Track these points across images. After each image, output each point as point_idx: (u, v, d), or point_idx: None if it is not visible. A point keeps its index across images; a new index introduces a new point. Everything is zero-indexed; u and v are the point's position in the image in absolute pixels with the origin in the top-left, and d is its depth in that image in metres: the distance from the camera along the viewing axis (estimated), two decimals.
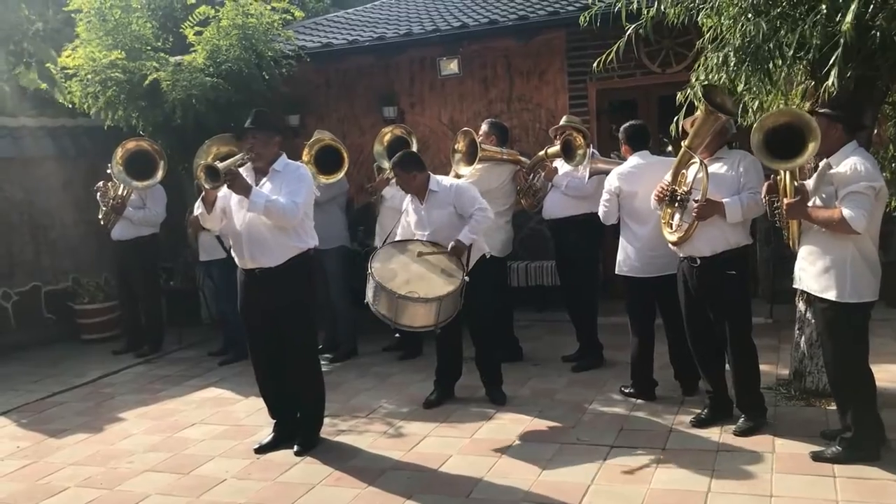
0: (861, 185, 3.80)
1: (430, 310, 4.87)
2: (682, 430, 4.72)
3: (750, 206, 4.37)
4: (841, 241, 3.91)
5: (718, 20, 4.55)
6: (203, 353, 7.68)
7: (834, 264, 3.94)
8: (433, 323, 4.92)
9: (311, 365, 4.93)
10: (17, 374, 7.37)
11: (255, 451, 4.86)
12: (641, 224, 5.18)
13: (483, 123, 6.55)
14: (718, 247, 4.46)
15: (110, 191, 7.57)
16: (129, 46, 7.72)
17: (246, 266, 4.72)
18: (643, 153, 5.32)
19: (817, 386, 5.02)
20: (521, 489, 4.06)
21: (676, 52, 7.72)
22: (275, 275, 4.64)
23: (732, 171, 4.47)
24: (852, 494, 3.71)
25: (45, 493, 4.50)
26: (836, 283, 3.93)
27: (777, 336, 6.55)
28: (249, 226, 4.62)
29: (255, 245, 4.62)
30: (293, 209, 4.53)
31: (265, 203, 4.46)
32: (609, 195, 5.27)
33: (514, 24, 7.97)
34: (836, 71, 3.70)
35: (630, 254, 5.27)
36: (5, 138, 8.55)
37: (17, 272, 8.52)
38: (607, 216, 5.35)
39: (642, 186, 5.08)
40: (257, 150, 4.68)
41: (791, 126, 3.91)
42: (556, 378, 6.01)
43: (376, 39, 8.43)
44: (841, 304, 3.94)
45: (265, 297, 4.69)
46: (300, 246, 4.70)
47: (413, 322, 4.91)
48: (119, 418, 5.83)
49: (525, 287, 8.12)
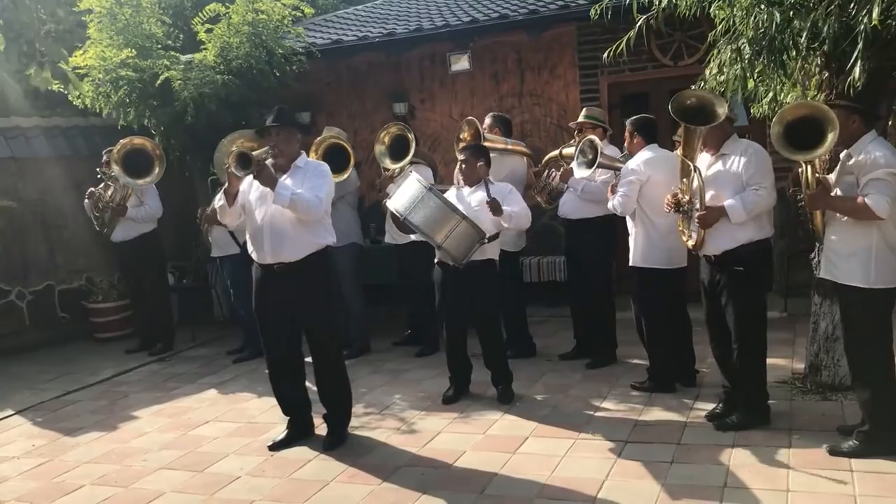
0: (881, 171, 3.80)
1: (449, 222, 4.91)
2: (698, 424, 4.70)
3: (754, 203, 4.31)
4: (865, 229, 3.90)
5: (731, 11, 4.50)
6: (216, 351, 7.70)
7: (859, 252, 3.93)
8: (441, 240, 4.95)
9: (335, 362, 4.92)
10: (31, 372, 7.41)
11: (269, 449, 4.86)
12: (662, 215, 5.08)
13: (486, 117, 6.54)
14: (726, 245, 4.45)
15: (105, 195, 7.57)
16: (140, 45, 7.74)
17: (265, 261, 4.69)
18: (653, 146, 5.32)
19: (833, 380, 4.98)
20: (535, 485, 4.05)
21: (688, 44, 7.66)
22: (294, 270, 4.63)
23: (735, 167, 4.42)
24: (870, 489, 3.68)
25: (60, 491, 4.52)
26: (861, 270, 3.93)
27: (792, 330, 6.51)
28: (272, 219, 4.60)
29: (277, 239, 4.60)
30: (317, 203, 4.54)
31: (291, 195, 4.45)
32: (633, 184, 5.19)
33: (524, 19, 7.93)
34: (860, 65, 3.67)
35: (648, 246, 5.25)
36: (18, 138, 8.59)
37: (31, 272, 8.55)
38: (627, 206, 5.24)
39: (665, 176, 5.08)
40: (280, 146, 4.67)
41: (810, 118, 3.91)
42: (570, 373, 5.99)
43: (386, 35, 8.40)
44: (867, 290, 3.92)
45: (284, 293, 4.67)
46: (320, 242, 4.70)
47: (425, 225, 4.94)
48: (133, 416, 5.85)
49: (537, 283, 8.09)
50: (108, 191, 7.55)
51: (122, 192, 7.50)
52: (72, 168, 8.82)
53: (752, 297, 4.50)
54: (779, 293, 7.37)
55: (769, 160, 4.40)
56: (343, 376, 4.98)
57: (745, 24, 4.35)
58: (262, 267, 4.74)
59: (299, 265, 4.63)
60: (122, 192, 7.50)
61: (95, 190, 7.64)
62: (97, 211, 7.64)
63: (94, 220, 7.71)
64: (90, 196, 7.66)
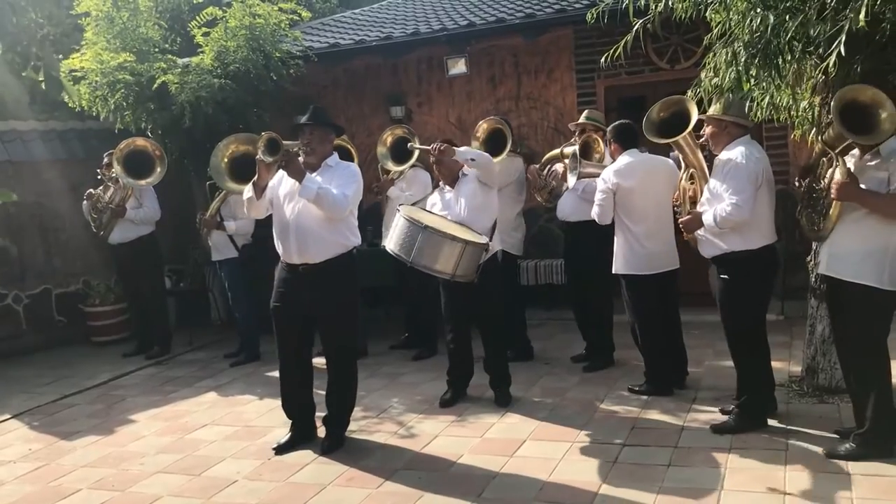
0: None
1: (454, 252, 4.80)
2: (695, 427, 4.70)
3: (723, 218, 4.31)
4: (884, 228, 3.87)
5: (727, 15, 4.51)
6: (214, 354, 7.69)
7: (875, 252, 3.89)
8: (451, 270, 4.83)
9: (350, 367, 4.93)
10: (28, 376, 7.40)
11: (274, 452, 4.84)
12: (637, 222, 5.27)
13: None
14: (712, 251, 4.53)
15: (104, 197, 7.57)
16: (138, 49, 7.75)
17: (291, 260, 4.67)
18: (632, 151, 5.39)
19: (830, 382, 4.99)
20: (532, 488, 4.05)
21: (685, 48, 7.69)
22: (319, 272, 4.61)
23: (718, 176, 4.43)
24: (866, 491, 3.68)
25: (57, 495, 4.51)
26: (874, 270, 3.89)
27: (789, 332, 6.52)
28: (299, 217, 4.58)
29: (303, 238, 4.58)
30: (343, 200, 4.52)
31: (318, 190, 4.42)
32: (605, 193, 5.31)
33: (521, 23, 7.95)
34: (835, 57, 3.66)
35: (628, 252, 5.35)
36: (15, 142, 8.58)
37: (27, 275, 8.55)
38: (603, 215, 5.37)
39: (638, 183, 5.22)
40: (313, 145, 4.65)
41: (867, 103, 3.82)
42: (567, 377, 6.00)
43: (383, 39, 8.42)
44: (877, 290, 3.90)
45: (307, 294, 4.65)
46: (345, 243, 4.70)
47: (433, 263, 4.81)
48: (130, 420, 5.84)
49: (535, 285, 8.09)
50: (108, 192, 7.56)
51: (122, 194, 7.50)
52: (69, 171, 8.82)
53: (738, 303, 4.50)
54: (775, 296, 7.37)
55: (745, 173, 4.30)
56: (354, 382, 4.98)
57: (740, 27, 4.37)
58: (288, 267, 4.71)
59: (324, 266, 4.62)
60: (122, 194, 7.50)
61: (94, 191, 7.64)
62: (95, 212, 7.64)
63: (92, 222, 7.70)
64: (88, 197, 7.66)
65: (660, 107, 4.78)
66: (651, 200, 5.26)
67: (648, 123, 4.77)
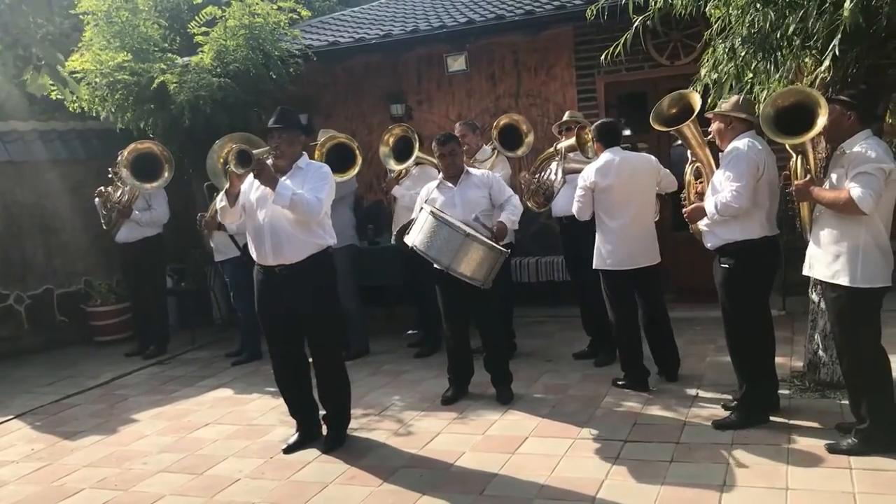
0: (870, 165, 3.79)
1: (488, 259, 4.77)
2: (696, 423, 4.70)
3: (722, 206, 4.32)
4: (853, 227, 3.89)
5: (726, 10, 4.52)
6: (215, 354, 7.70)
7: (846, 250, 3.93)
8: (483, 277, 4.79)
9: (336, 363, 4.92)
10: (30, 376, 7.41)
11: (283, 452, 4.83)
12: (615, 218, 5.35)
13: (457, 125, 6.69)
14: (713, 242, 4.56)
15: (114, 195, 7.59)
16: (137, 48, 7.74)
17: (267, 262, 4.68)
18: (614, 149, 5.43)
19: (832, 377, 4.99)
20: (534, 485, 4.05)
21: (684, 44, 7.68)
22: (296, 272, 4.62)
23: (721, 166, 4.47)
24: (868, 486, 3.68)
25: (60, 495, 4.52)
26: (847, 269, 3.92)
27: (791, 328, 6.51)
28: (272, 220, 4.58)
29: (277, 240, 4.59)
30: (317, 204, 4.52)
31: (292, 195, 4.42)
32: (584, 190, 5.41)
33: (520, 19, 7.94)
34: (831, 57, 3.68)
35: (606, 248, 5.41)
36: (16, 142, 8.59)
37: (29, 275, 8.56)
38: (582, 212, 5.49)
39: (616, 181, 5.29)
40: (283, 148, 4.65)
41: (802, 105, 3.93)
42: (569, 373, 6.00)
43: (383, 37, 8.41)
44: (852, 289, 3.92)
45: (286, 295, 4.66)
46: (321, 243, 4.69)
47: (468, 269, 4.74)
48: (133, 419, 5.85)
49: (535, 283, 8.09)
50: (117, 192, 7.59)
51: (130, 194, 7.53)
52: (69, 171, 8.84)
53: (738, 292, 4.51)
54: (777, 291, 7.36)
55: (745, 161, 4.31)
56: (343, 378, 4.97)
57: (739, 22, 4.37)
58: (264, 269, 4.73)
59: (300, 266, 4.63)
60: (130, 194, 7.53)
61: (105, 189, 7.66)
62: (105, 209, 7.67)
63: (102, 219, 7.73)
64: (100, 195, 7.69)
65: (669, 102, 4.75)
66: (630, 197, 5.33)
67: (656, 114, 4.77)
